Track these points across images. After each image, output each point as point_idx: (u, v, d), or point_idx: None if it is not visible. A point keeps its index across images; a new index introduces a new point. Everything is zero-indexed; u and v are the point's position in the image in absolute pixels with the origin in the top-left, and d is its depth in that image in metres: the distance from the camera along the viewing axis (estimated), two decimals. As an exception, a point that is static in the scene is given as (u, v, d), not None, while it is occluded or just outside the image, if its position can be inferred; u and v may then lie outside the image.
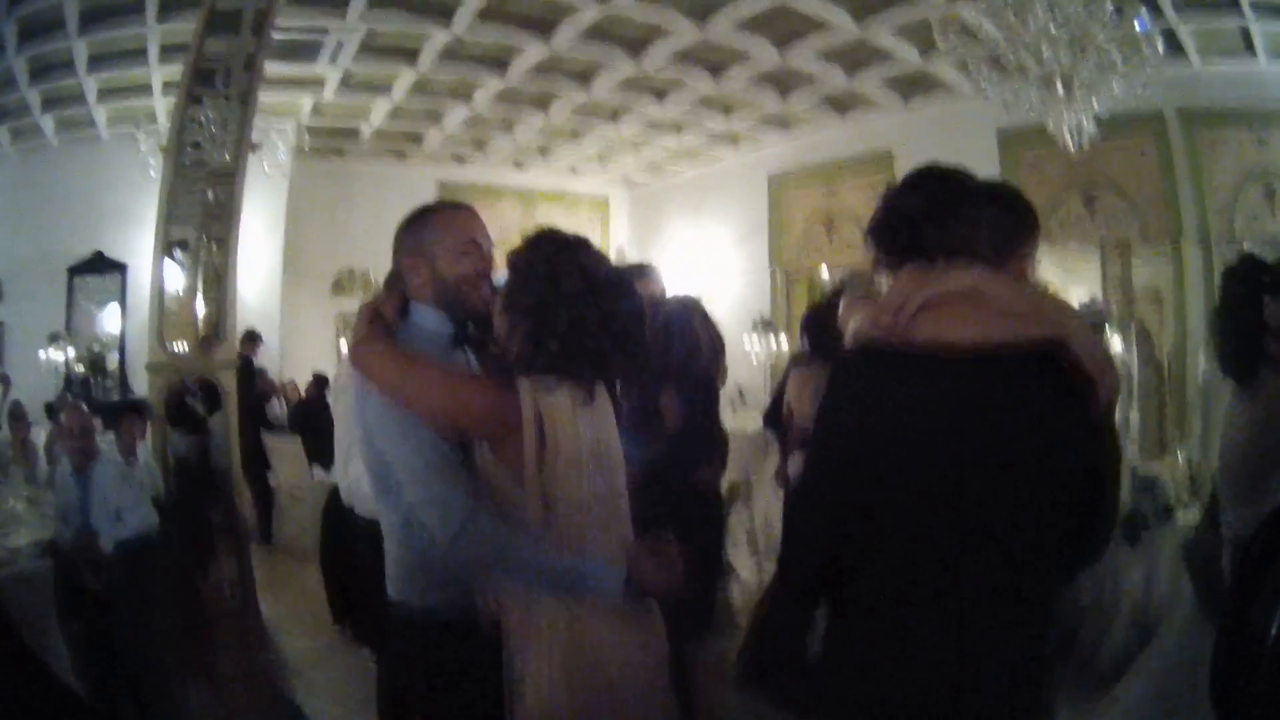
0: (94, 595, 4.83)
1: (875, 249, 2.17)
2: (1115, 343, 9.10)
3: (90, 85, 9.91)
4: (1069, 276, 11.96)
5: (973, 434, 1.86)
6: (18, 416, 8.10)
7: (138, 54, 9.08)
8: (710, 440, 3.88)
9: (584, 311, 2.21)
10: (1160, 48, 6.73)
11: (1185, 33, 8.47)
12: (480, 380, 2.38)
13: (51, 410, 9.07)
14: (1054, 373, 1.88)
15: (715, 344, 4.23)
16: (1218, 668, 1.53)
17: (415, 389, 2.23)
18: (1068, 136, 7.09)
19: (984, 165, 8.63)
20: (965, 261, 1.98)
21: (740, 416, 9.57)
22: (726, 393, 5.47)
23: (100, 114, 10.92)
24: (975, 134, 9.37)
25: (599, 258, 2.36)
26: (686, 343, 3.98)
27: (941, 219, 2.05)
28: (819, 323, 4.73)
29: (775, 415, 4.90)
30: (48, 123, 11.03)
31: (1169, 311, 9.41)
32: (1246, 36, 8.64)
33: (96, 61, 9.27)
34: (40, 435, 8.23)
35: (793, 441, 4.85)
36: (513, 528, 2.16)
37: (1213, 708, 1.52)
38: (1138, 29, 6.63)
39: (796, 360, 4.87)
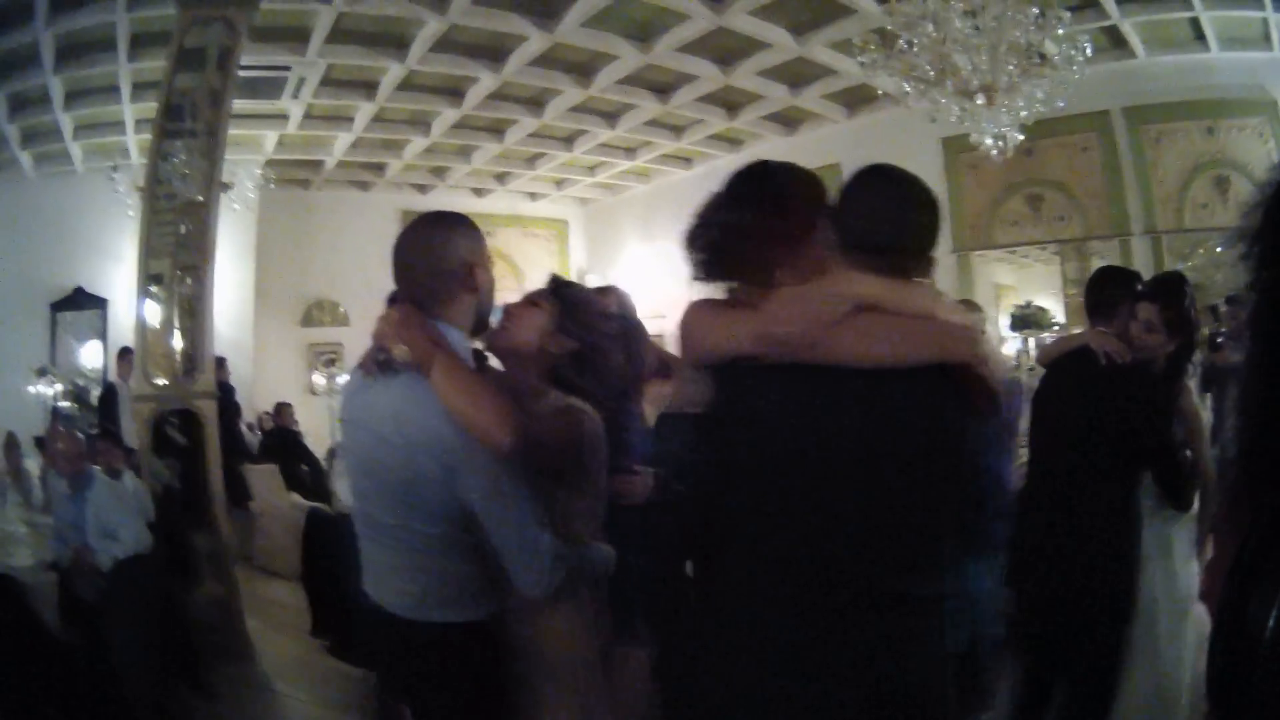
0: (91, 607, 5.09)
1: (689, 257, 2.15)
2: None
3: (66, 121, 10.11)
4: (1021, 276, 12.35)
5: (871, 443, 1.92)
6: (11, 445, 8.36)
7: (110, 90, 9.33)
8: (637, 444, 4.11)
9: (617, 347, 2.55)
10: (1088, 48, 6.85)
11: (1129, 27, 8.71)
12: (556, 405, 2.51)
13: (42, 443, 9.32)
14: (953, 386, 1.96)
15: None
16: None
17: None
18: (989, 144, 7.26)
19: (928, 170, 8.94)
20: (853, 269, 2.00)
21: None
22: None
23: (76, 149, 11.11)
24: (919, 141, 9.54)
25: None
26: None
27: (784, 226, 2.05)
28: None
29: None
30: (25, 157, 11.18)
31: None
32: (1195, 26, 8.86)
33: (73, 98, 9.49)
34: (33, 465, 8.30)
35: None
36: (573, 543, 2.37)
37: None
38: (1059, 30, 6.73)
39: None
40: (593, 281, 13.65)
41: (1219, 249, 9.34)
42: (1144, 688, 3.58)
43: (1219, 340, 6.92)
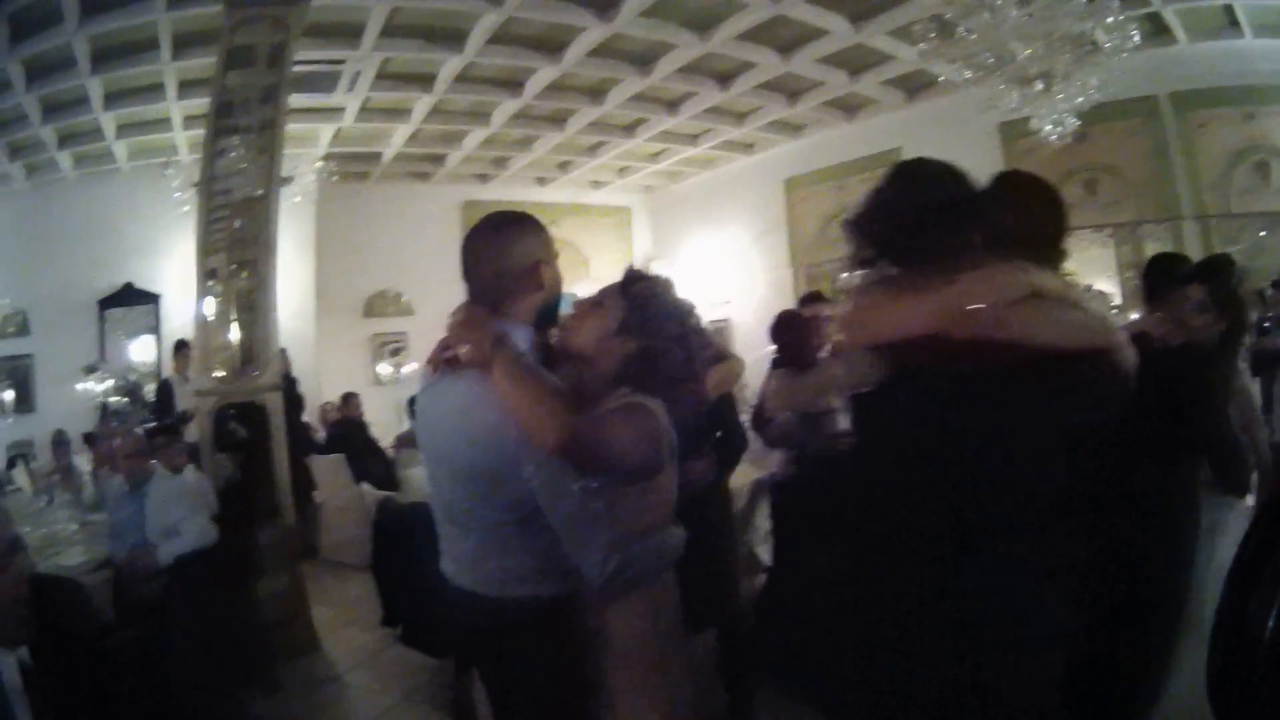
0: (147, 604, 5.13)
1: (862, 243, 2.40)
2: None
3: (108, 121, 10.23)
4: (1078, 260, 12.25)
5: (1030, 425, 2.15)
6: (60, 443, 8.40)
7: (153, 89, 9.43)
8: (694, 436, 4.05)
9: (679, 347, 2.65)
10: (1135, 33, 6.87)
11: (1170, 14, 8.78)
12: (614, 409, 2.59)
13: (92, 439, 9.31)
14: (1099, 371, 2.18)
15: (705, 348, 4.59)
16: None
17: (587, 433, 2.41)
18: (1048, 130, 7.30)
19: (987, 155, 9.06)
20: (1005, 260, 2.23)
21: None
22: (753, 397, 5.90)
23: (120, 149, 11.25)
24: (977, 125, 9.52)
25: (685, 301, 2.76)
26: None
27: (959, 215, 2.27)
28: (784, 329, 5.31)
29: (758, 418, 5.34)
30: (64, 158, 11.30)
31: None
32: (1229, 13, 8.95)
33: (113, 98, 9.61)
34: (82, 462, 8.45)
35: (770, 439, 5.26)
36: (638, 534, 2.50)
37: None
38: (1108, 19, 6.76)
39: (774, 363, 5.32)
40: (658, 268, 13.79)
41: (1262, 233, 9.58)
42: (1195, 678, 3.56)
43: (1265, 325, 7.09)
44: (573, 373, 2.61)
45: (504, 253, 2.51)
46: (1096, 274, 11.07)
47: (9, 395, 11.83)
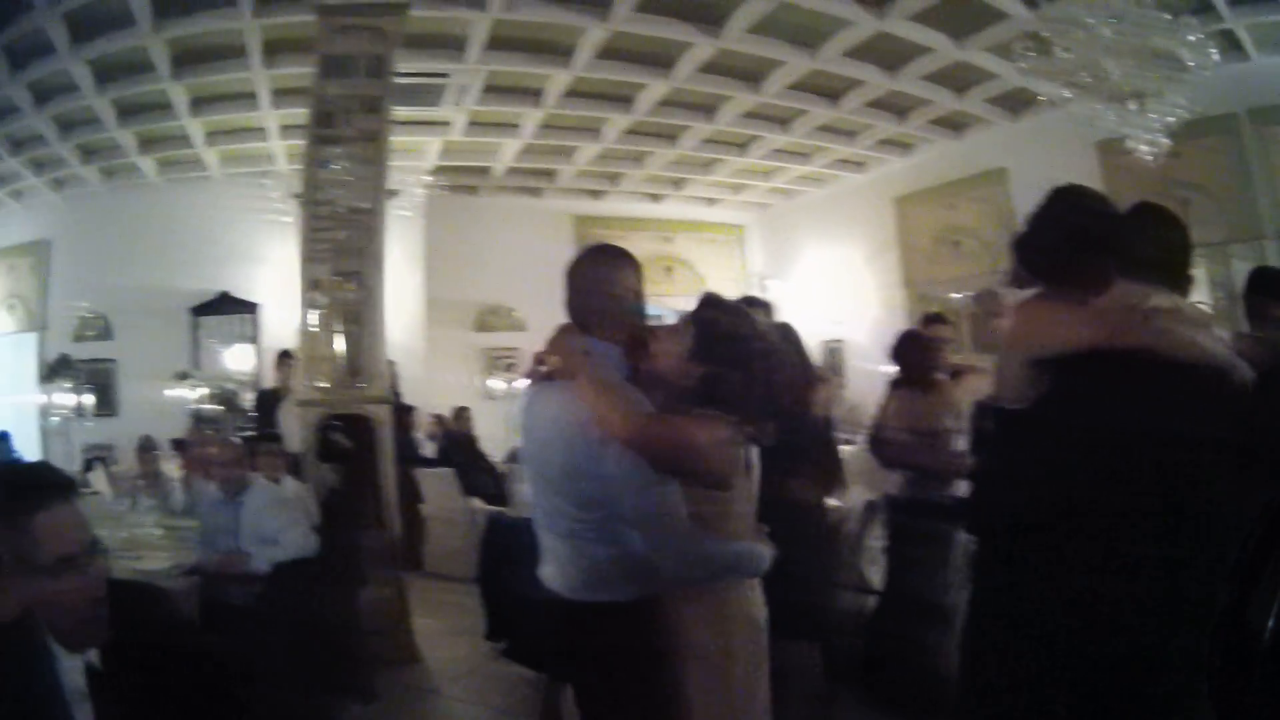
0: (237, 610, 5.14)
1: (1027, 268, 2.63)
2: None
3: (195, 127, 10.43)
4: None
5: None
6: (147, 448, 8.47)
7: (246, 97, 9.63)
8: (798, 456, 4.13)
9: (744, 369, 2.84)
10: (1215, 51, 6.87)
11: (1241, 29, 8.75)
12: (705, 421, 2.79)
13: (182, 445, 9.37)
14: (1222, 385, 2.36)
15: (807, 370, 4.53)
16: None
17: (671, 437, 2.66)
18: (1143, 149, 7.27)
19: (1088, 175, 8.96)
20: (1145, 283, 2.48)
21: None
22: (866, 417, 5.84)
23: (210, 156, 11.47)
24: (1078, 143, 9.44)
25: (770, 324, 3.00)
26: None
27: (1109, 242, 2.50)
28: (907, 349, 5.30)
29: (876, 438, 5.34)
30: (147, 163, 11.54)
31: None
32: None
33: (199, 104, 9.81)
34: (170, 468, 8.46)
35: (889, 460, 5.25)
36: (711, 534, 2.76)
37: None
38: (1189, 37, 6.77)
39: (894, 384, 5.34)
40: (772, 287, 13.95)
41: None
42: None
43: None
44: (657, 393, 2.79)
45: (599, 283, 2.84)
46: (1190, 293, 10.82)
47: (88, 399, 11.99)
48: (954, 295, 12.54)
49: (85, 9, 7.71)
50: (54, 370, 11.87)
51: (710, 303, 3.03)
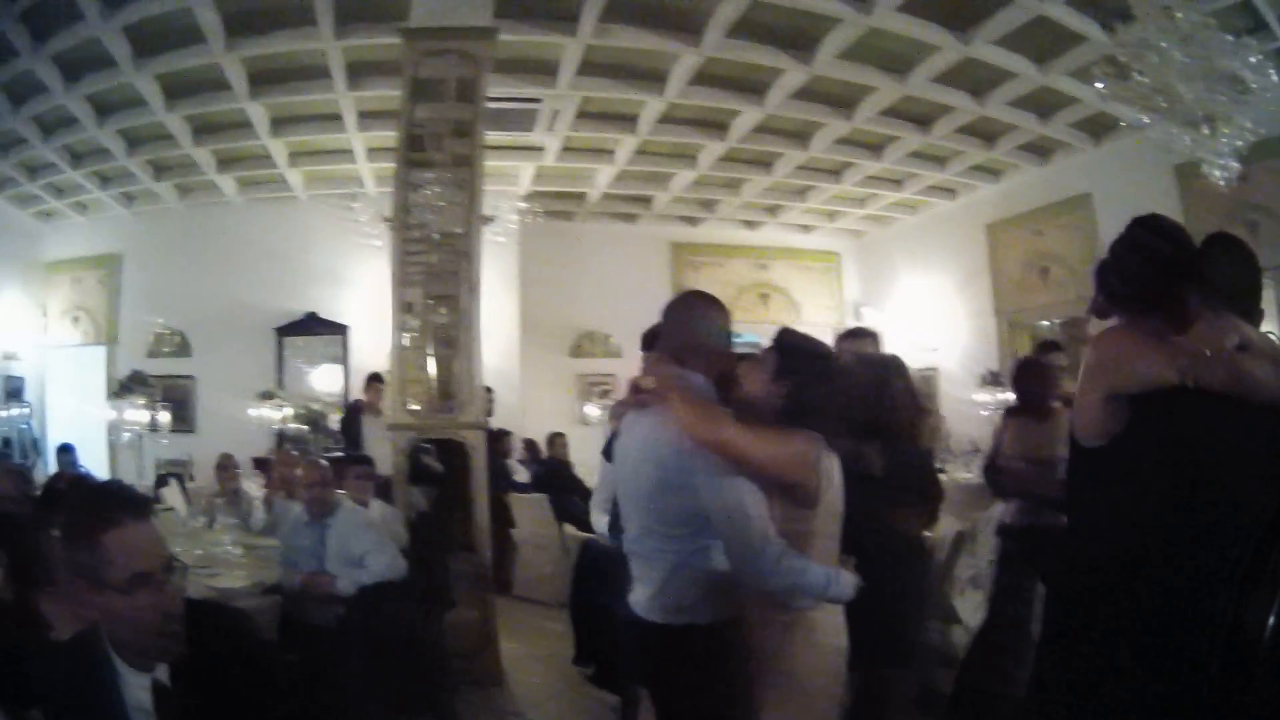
0: (318, 631, 5.16)
1: (1108, 298, 2.67)
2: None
3: (277, 148, 10.55)
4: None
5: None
6: (226, 466, 8.54)
7: (331, 119, 9.73)
8: (906, 487, 4.10)
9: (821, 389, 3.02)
10: (1274, 70, 6.77)
11: None
12: (791, 438, 2.95)
13: (264, 464, 9.51)
14: None
15: (915, 403, 4.47)
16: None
17: (757, 451, 2.81)
18: (1217, 174, 7.17)
19: (1166, 198, 9.07)
20: (1226, 313, 2.50)
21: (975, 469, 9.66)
22: (960, 446, 5.74)
23: (294, 176, 11.60)
24: (1156, 167, 9.37)
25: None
26: (887, 400, 4.22)
27: (1189, 272, 2.54)
28: (1026, 376, 5.32)
29: (992, 466, 5.35)
30: (226, 182, 11.67)
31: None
32: None
33: (280, 124, 9.92)
34: (251, 487, 8.54)
35: (1004, 488, 5.24)
36: (796, 551, 2.81)
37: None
38: (1251, 59, 6.69)
39: (1010, 412, 5.37)
40: (868, 315, 13.99)
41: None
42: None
43: None
44: (747, 418, 2.94)
45: (692, 324, 3.15)
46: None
47: (164, 415, 12.02)
48: (1043, 323, 12.53)
49: (149, 23, 7.72)
50: (127, 385, 11.83)
51: (787, 331, 3.26)
